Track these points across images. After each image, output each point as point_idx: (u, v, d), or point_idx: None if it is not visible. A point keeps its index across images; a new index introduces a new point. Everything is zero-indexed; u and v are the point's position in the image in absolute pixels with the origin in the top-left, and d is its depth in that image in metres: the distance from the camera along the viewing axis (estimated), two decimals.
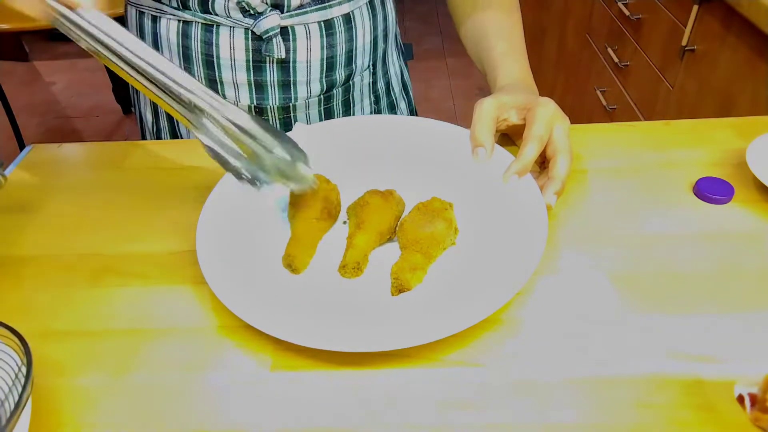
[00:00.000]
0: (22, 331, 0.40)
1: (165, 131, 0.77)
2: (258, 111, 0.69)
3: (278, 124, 0.71)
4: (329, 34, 0.67)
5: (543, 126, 0.54)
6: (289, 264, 0.50)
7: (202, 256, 0.49)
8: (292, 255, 0.51)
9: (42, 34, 3.32)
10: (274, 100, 0.69)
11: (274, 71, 0.66)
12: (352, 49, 0.70)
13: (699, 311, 0.46)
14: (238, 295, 0.46)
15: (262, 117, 0.69)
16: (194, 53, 0.66)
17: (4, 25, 1.54)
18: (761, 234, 0.53)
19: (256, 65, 0.66)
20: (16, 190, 0.64)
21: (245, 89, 0.68)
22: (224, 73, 0.66)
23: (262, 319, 0.44)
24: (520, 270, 0.46)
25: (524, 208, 0.52)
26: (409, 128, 0.63)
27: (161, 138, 0.78)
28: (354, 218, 0.54)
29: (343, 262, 0.50)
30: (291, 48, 0.65)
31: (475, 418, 0.40)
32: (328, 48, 0.67)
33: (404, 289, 0.48)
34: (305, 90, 0.69)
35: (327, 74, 0.69)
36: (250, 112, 0.67)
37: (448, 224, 0.52)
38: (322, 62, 0.68)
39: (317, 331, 0.44)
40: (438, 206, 0.53)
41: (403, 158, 0.61)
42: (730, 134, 0.65)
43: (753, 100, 1.10)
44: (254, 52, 0.65)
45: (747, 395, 0.38)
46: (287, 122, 0.71)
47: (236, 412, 0.41)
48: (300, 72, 0.67)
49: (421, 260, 0.50)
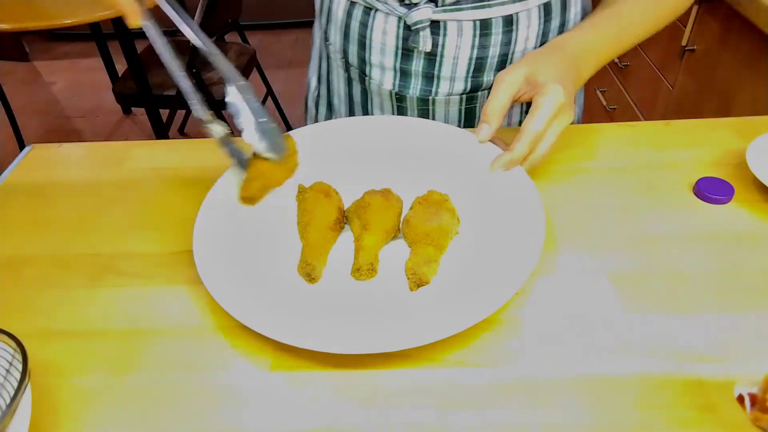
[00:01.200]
0: (21, 331, 0.40)
1: (323, 97, 0.82)
2: (399, 98, 0.70)
3: (417, 115, 0.71)
4: (484, 34, 0.64)
5: (543, 122, 0.53)
6: (308, 273, 0.49)
7: (198, 257, 0.49)
8: (311, 264, 0.50)
9: (42, 34, 3.32)
10: (415, 90, 0.68)
11: (420, 62, 0.66)
12: (508, 53, 0.65)
13: (699, 311, 0.46)
14: (236, 297, 0.46)
15: (403, 104, 0.70)
16: (353, 32, 0.68)
17: (4, 25, 1.54)
18: (761, 234, 0.53)
19: (404, 53, 0.66)
20: (16, 190, 0.64)
21: (390, 74, 0.68)
22: (374, 56, 0.68)
23: (261, 321, 0.44)
24: (519, 269, 0.46)
25: (520, 206, 0.52)
26: (395, 128, 0.63)
27: (319, 103, 0.83)
28: (357, 220, 0.53)
29: (357, 265, 0.50)
30: (439, 43, 0.64)
31: (475, 418, 0.40)
32: (479, 48, 0.64)
33: (423, 283, 0.48)
34: (448, 86, 0.68)
35: (474, 74, 0.66)
36: (391, 98, 0.70)
37: (452, 214, 0.52)
38: (470, 62, 0.65)
39: (316, 333, 0.44)
40: (438, 198, 0.53)
41: (391, 157, 0.61)
42: (730, 134, 0.65)
43: (753, 100, 1.10)
44: (403, 41, 0.65)
45: (747, 395, 0.38)
46: (424, 114, 0.70)
47: (236, 413, 0.41)
48: (445, 67, 0.66)
49: (434, 252, 0.50)
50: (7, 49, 3.13)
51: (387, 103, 0.71)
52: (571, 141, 0.65)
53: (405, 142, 0.62)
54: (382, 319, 0.46)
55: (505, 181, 0.55)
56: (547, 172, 0.61)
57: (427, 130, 0.63)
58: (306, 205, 0.54)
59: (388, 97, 0.70)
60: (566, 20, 0.68)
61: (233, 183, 0.56)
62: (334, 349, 0.42)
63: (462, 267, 0.50)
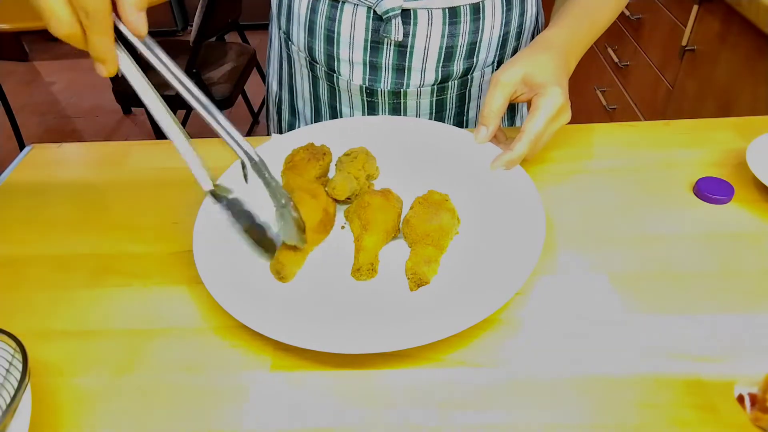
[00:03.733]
0: (21, 331, 0.40)
1: (285, 102, 0.81)
2: (369, 92, 0.69)
3: (388, 109, 0.71)
4: (453, 22, 0.64)
5: (543, 123, 0.54)
6: (278, 271, 0.49)
7: (198, 257, 0.49)
8: (282, 263, 0.49)
9: (42, 34, 3.31)
10: (386, 83, 0.68)
11: (390, 54, 0.66)
12: (476, 41, 0.66)
13: (699, 311, 0.46)
14: (236, 296, 0.46)
15: (373, 99, 0.70)
16: (318, 28, 0.67)
17: (4, 25, 1.54)
18: (761, 234, 0.53)
19: (373, 45, 0.66)
20: (16, 190, 0.64)
21: (360, 69, 0.68)
22: (342, 51, 0.67)
23: (261, 321, 0.44)
24: (519, 269, 0.46)
25: (520, 206, 0.52)
26: (394, 128, 0.63)
27: (281, 108, 0.82)
28: (357, 220, 0.53)
29: (357, 265, 0.50)
30: (410, 32, 0.64)
31: (475, 418, 0.40)
32: (449, 36, 0.65)
33: (423, 283, 0.48)
34: (419, 77, 0.68)
35: (444, 64, 0.67)
36: (361, 93, 0.69)
37: (452, 214, 0.52)
38: (441, 51, 0.66)
39: (315, 333, 0.44)
40: (438, 198, 0.53)
41: (390, 157, 0.61)
42: (730, 134, 0.65)
43: (753, 100, 1.10)
44: (373, 32, 0.65)
45: (747, 395, 0.38)
46: (396, 108, 0.71)
47: (236, 413, 0.41)
48: (416, 58, 0.66)
49: (434, 252, 0.50)
50: (7, 49, 3.13)
51: (357, 99, 0.71)
52: (571, 141, 0.65)
53: (404, 142, 0.62)
54: (382, 318, 0.46)
55: (504, 181, 0.55)
56: (547, 172, 0.61)
57: (427, 130, 0.63)
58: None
59: (357, 93, 0.70)
60: (525, 9, 0.70)
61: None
62: (334, 349, 0.42)
63: (462, 267, 0.50)
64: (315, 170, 0.56)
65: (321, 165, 0.57)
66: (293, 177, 0.56)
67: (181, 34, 3.32)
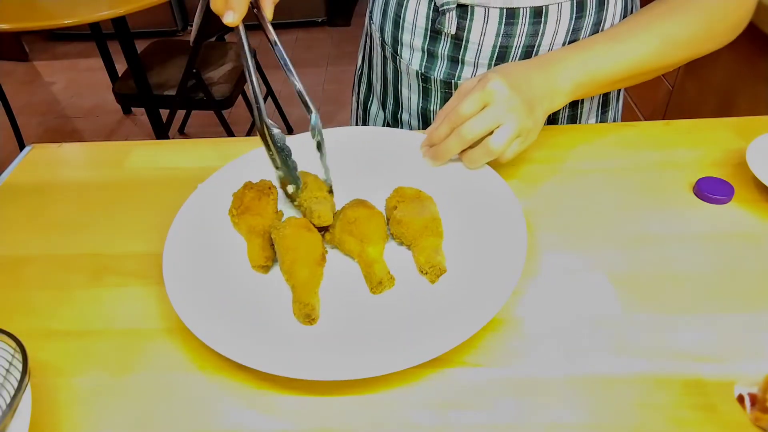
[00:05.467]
0: (21, 331, 0.40)
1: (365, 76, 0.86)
2: (424, 79, 0.71)
3: (440, 97, 0.72)
4: (509, 23, 0.64)
5: (452, 101, 0.56)
6: (308, 314, 0.45)
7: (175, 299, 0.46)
8: (309, 304, 0.46)
9: (42, 34, 3.32)
10: (440, 72, 0.69)
11: (446, 45, 0.67)
12: (534, 45, 0.65)
13: (699, 311, 0.46)
14: (226, 337, 0.44)
15: (428, 85, 0.72)
16: (390, 10, 0.71)
17: (4, 25, 1.54)
18: (761, 234, 0.53)
19: (431, 35, 0.68)
20: (16, 190, 0.64)
21: (418, 55, 0.70)
22: (405, 35, 0.70)
23: (259, 358, 0.42)
24: (510, 271, 0.46)
25: (498, 209, 0.52)
26: (357, 139, 0.63)
27: (361, 81, 0.86)
28: (350, 237, 0.51)
29: (376, 279, 0.48)
30: (465, 27, 0.65)
31: (475, 418, 0.40)
32: (504, 36, 0.64)
33: (442, 272, 0.48)
34: (471, 71, 0.68)
35: (497, 62, 0.67)
36: (417, 78, 0.72)
37: (432, 201, 0.53)
38: (494, 49, 0.66)
39: (315, 361, 0.42)
40: (411, 192, 0.54)
41: (352, 168, 0.60)
42: (730, 134, 0.65)
43: (753, 100, 1.10)
44: (432, 22, 0.67)
45: (747, 395, 0.38)
46: (447, 98, 0.71)
47: (235, 413, 0.41)
48: (469, 52, 0.67)
49: (438, 241, 0.51)
50: (7, 49, 3.13)
51: (414, 83, 0.73)
52: (571, 141, 0.65)
53: (367, 152, 0.61)
54: (380, 339, 0.44)
55: (474, 183, 0.55)
56: (546, 173, 0.61)
57: (388, 138, 0.62)
58: (287, 242, 0.49)
59: (414, 78, 0.72)
60: (602, 19, 0.65)
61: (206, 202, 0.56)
62: (336, 376, 0.41)
63: (455, 274, 0.49)
64: (271, 206, 0.54)
65: (273, 199, 0.55)
66: (254, 219, 0.53)
67: (181, 34, 3.32)
